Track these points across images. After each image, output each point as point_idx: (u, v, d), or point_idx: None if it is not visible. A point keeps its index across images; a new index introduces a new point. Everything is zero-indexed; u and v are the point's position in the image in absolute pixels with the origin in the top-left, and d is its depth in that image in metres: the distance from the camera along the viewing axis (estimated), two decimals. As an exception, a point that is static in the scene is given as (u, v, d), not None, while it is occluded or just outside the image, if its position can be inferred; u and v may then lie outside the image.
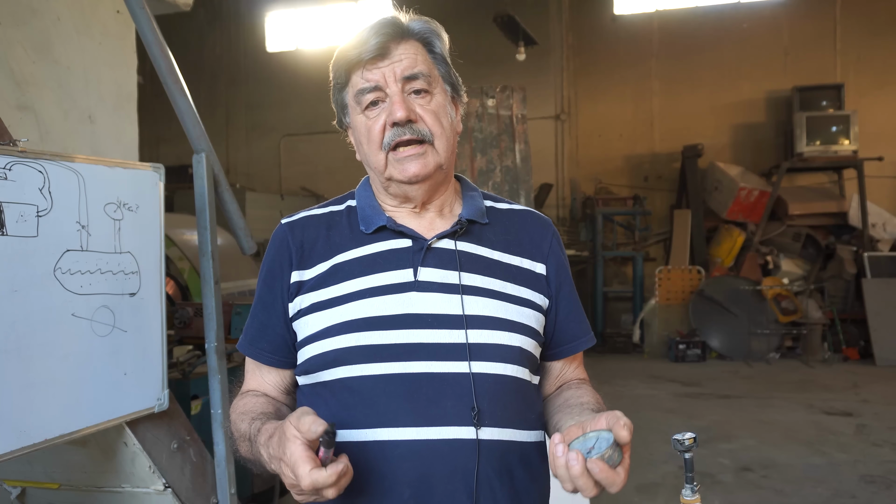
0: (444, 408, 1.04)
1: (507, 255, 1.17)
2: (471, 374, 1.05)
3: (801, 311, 8.56)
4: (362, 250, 1.13)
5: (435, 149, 1.10)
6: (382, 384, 1.04)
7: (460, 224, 1.14)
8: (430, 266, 1.11)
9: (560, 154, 10.67)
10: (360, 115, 1.12)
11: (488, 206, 1.22)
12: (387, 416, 1.04)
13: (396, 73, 1.08)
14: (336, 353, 1.07)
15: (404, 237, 1.13)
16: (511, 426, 1.08)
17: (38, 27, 2.77)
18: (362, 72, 1.09)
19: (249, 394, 1.19)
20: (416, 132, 1.08)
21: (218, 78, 11.87)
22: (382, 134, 1.09)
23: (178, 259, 4.76)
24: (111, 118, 3.08)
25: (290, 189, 11.22)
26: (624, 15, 10.56)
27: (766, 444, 4.94)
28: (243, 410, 1.13)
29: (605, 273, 10.00)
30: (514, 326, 1.11)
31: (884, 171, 9.40)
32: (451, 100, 1.16)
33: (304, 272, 1.14)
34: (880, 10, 9.66)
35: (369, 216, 1.15)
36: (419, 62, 1.10)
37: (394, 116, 1.07)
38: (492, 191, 3.44)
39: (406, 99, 1.09)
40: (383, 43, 1.08)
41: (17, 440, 1.64)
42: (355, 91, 1.11)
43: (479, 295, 1.10)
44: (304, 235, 1.16)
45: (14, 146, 1.67)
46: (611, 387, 7.01)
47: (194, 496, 2.18)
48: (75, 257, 1.81)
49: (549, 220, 1.27)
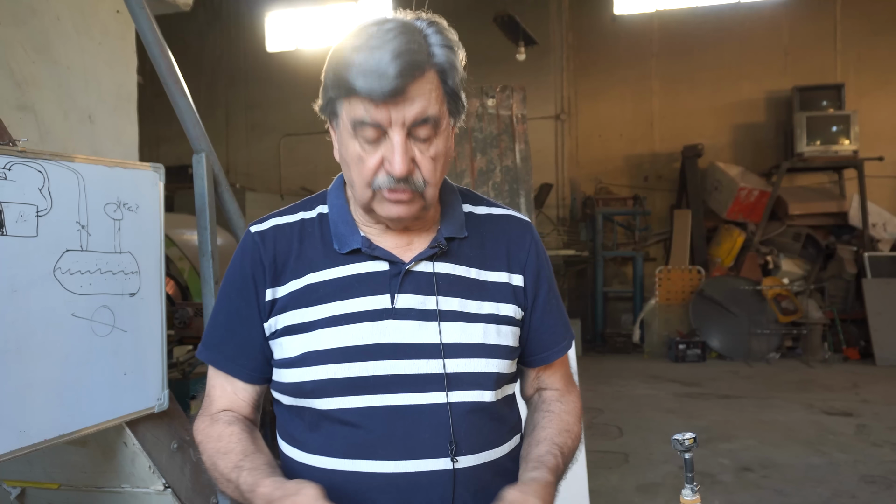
0: (422, 440, 1.03)
1: (485, 271, 1.13)
2: (448, 404, 1.05)
3: (801, 311, 8.56)
4: (336, 271, 1.08)
5: (423, 196, 1.03)
6: (359, 416, 1.04)
7: (440, 246, 1.09)
8: (407, 292, 1.07)
9: (560, 154, 10.67)
10: (354, 141, 1.01)
11: (467, 211, 1.17)
12: (365, 447, 1.03)
13: (406, 118, 0.97)
14: (313, 384, 1.05)
15: (381, 260, 1.08)
16: (486, 448, 1.09)
17: (38, 27, 2.77)
18: (367, 105, 0.97)
19: (221, 419, 1.12)
20: (410, 184, 1.01)
21: (218, 78, 11.87)
22: (374, 173, 1.00)
23: (178, 259, 4.76)
24: (111, 118, 3.08)
25: (290, 189, 11.21)
26: (624, 15, 10.56)
27: (766, 444, 4.94)
28: (220, 448, 1.07)
29: (605, 273, 10.00)
30: (492, 351, 1.09)
31: (884, 171, 9.40)
32: (451, 127, 1.07)
33: (277, 289, 1.10)
34: (880, 10, 9.65)
35: (343, 235, 1.09)
36: (432, 103, 0.99)
37: (393, 171, 0.99)
38: (491, 191, 3.44)
39: (408, 148, 0.99)
40: (401, 86, 0.95)
41: (17, 440, 1.64)
42: (353, 118, 0.99)
43: (456, 320, 1.08)
44: (277, 248, 1.10)
45: (14, 146, 1.67)
46: (611, 387, 7.01)
47: (194, 496, 2.18)
48: (75, 257, 1.81)
49: (528, 223, 1.21)
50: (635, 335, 9.24)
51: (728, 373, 7.72)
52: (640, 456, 4.65)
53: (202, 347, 1.16)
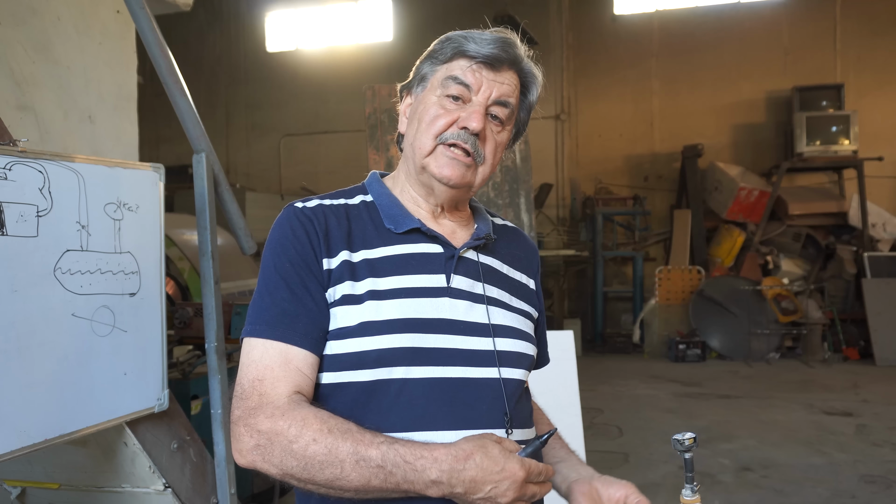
0: (480, 412, 1.06)
1: (513, 269, 1.23)
2: (500, 379, 1.09)
3: (801, 311, 8.56)
4: (392, 249, 1.11)
5: (477, 170, 1.13)
6: (422, 387, 1.04)
7: (486, 238, 1.19)
8: (460, 274, 1.13)
9: (560, 154, 10.67)
10: (435, 97, 1.12)
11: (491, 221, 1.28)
12: (426, 419, 1.03)
13: (493, 92, 1.11)
14: (378, 352, 1.03)
15: (435, 242, 1.14)
16: (527, 426, 1.15)
17: (38, 27, 2.77)
18: (467, 67, 1.11)
19: (302, 402, 1.00)
20: (474, 147, 1.10)
21: (218, 78, 11.87)
22: (446, 128, 1.10)
23: (178, 259, 4.76)
24: (111, 118, 3.08)
25: (290, 189, 11.21)
26: (624, 15, 10.57)
27: (766, 444, 4.94)
28: (335, 427, 0.95)
29: (605, 273, 10.00)
30: (526, 336, 1.18)
31: (884, 171, 9.40)
32: (510, 137, 1.20)
33: (331, 261, 1.08)
34: (880, 10, 9.66)
35: (397, 216, 1.14)
36: (514, 96, 1.14)
37: (469, 123, 1.09)
38: (491, 191, 3.45)
39: (485, 116, 1.11)
40: (501, 58, 1.11)
41: (17, 440, 1.64)
42: (449, 74, 1.12)
43: (498, 306, 1.15)
44: (328, 223, 1.11)
45: (14, 146, 1.67)
46: (611, 387, 7.01)
47: (194, 496, 2.18)
48: (75, 257, 1.81)
49: (531, 239, 1.36)
50: (635, 335, 9.24)
51: (728, 373, 7.72)
52: (639, 456, 4.65)
53: (265, 327, 1.03)
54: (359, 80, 8.33)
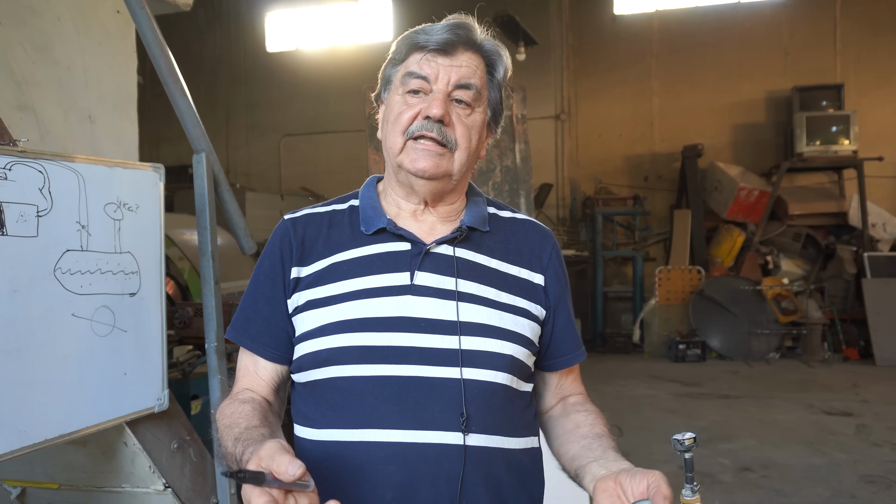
0: (433, 412, 1.04)
1: (506, 263, 1.18)
2: (461, 380, 1.06)
3: (801, 311, 8.56)
4: (361, 251, 1.14)
5: (452, 157, 1.12)
6: (371, 385, 1.05)
7: (460, 230, 1.16)
8: (426, 271, 1.11)
9: (560, 154, 10.68)
10: (399, 97, 1.13)
11: (491, 213, 1.23)
12: (374, 417, 1.04)
13: (451, 77, 1.10)
14: (328, 352, 1.07)
15: (403, 240, 1.14)
16: (499, 433, 1.09)
17: (38, 27, 2.77)
18: (421, 59, 1.11)
19: (237, 398, 1.14)
20: (442, 134, 1.09)
21: (218, 78, 11.87)
22: (411, 122, 1.10)
23: (178, 259, 4.76)
24: (111, 118, 3.08)
25: (290, 189, 11.21)
26: (624, 15, 10.56)
27: (766, 444, 4.94)
28: (228, 423, 1.08)
29: (605, 273, 10.00)
30: (507, 335, 1.12)
31: (884, 171, 9.40)
32: (486, 125, 1.18)
33: (303, 269, 1.15)
34: (880, 10, 9.66)
35: (370, 217, 1.16)
36: (476, 76, 1.13)
37: (430, 111, 1.09)
38: (491, 191, 3.44)
39: (447, 102, 1.10)
40: (451, 42, 1.10)
41: (17, 440, 1.64)
42: (406, 71, 1.12)
43: (473, 302, 1.11)
44: (306, 232, 1.17)
45: (14, 146, 1.67)
46: (611, 387, 7.01)
47: (194, 496, 2.18)
48: (75, 257, 1.81)
49: (550, 232, 1.27)
50: (635, 335, 9.24)
51: (728, 373, 7.72)
52: (640, 456, 4.65)
53: (230, 328, 1.20)
54: (359, 80, 8.32)
